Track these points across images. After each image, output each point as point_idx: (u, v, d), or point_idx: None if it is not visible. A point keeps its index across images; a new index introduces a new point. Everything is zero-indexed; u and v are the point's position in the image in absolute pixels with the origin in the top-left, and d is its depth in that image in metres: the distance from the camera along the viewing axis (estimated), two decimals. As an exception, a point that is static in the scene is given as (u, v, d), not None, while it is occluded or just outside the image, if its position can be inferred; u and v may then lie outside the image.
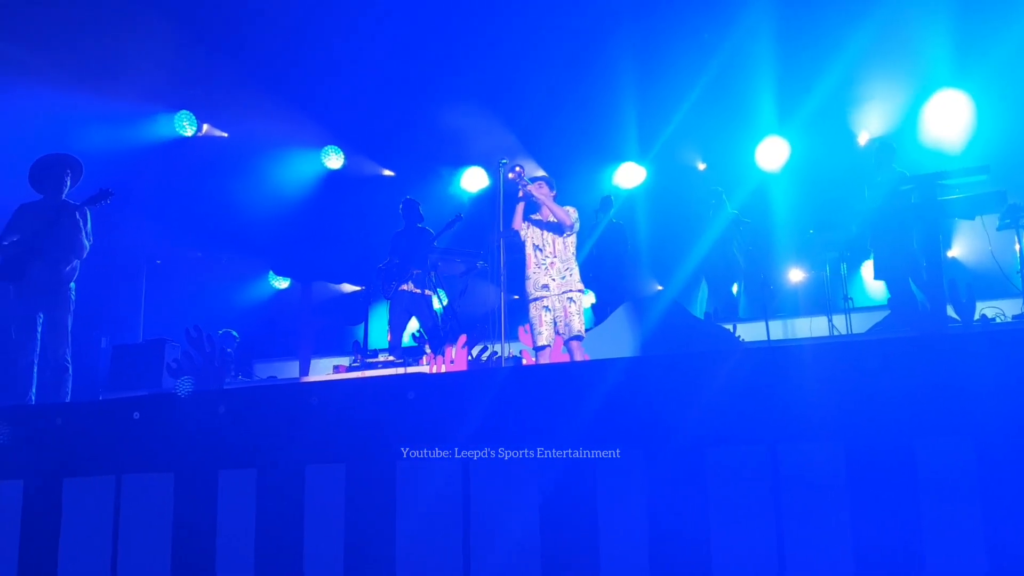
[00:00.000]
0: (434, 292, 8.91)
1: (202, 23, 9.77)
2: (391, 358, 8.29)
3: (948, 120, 10.52)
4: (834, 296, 9.18)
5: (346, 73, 10.74)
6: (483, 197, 12.19)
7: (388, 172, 12.99)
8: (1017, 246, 7.75)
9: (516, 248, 7.00)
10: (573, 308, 6.71)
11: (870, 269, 9.31)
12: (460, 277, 9.23)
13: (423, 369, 7.45)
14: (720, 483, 3.38)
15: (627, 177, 12.33)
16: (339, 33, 10.21)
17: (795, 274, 10.81)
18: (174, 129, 11.26)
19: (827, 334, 8.92)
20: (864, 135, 11.25)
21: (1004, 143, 9.81)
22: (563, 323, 6.70)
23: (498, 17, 10.08)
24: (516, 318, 7.88)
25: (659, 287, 12.18)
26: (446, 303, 8.69)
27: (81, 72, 9.51)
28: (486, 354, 7.64)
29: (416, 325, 9.15)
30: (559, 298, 6.74)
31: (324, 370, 9.65)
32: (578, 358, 6.56)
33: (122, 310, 10.81)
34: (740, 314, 10.27)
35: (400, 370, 7.68)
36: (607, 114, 11.41)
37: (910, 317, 7.69)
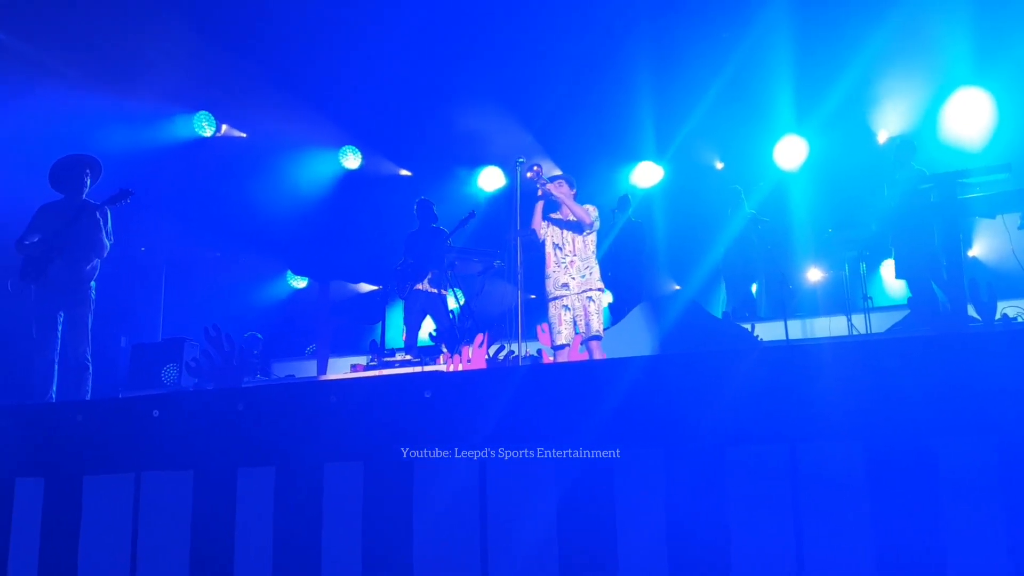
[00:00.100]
0: (450, 291, 8.91)
1: (221, 24, 9.80)
2: (408, 357, 8.29)
3: (968, 118, 10.43)
4: (853, 295, 9.11)
5: (364, 73, 10.77)
6: (500, 196, 12.18)
7: (405, 172, 13.01)
8: (1038, 245, 7.68)
9: (533, 247, 6.98)
10: (592, 307, 6.68)
11: (890, 268, 9.25)
12: (477, 276, 9.23)
13: (440, 368, 7.44)
14: (739, 482, 3.36)
15: (644, 176, 12.30)
16: (357, 34, 10.23)
17: (814, 273, 10.75)
18: (193, 129, 11.32)
19: (846, 334, 8.86)
20: (883, 133, 11.16)
21: (1025, 141, 9.73)
22: (582, 322, 6.68)
23: (515, 17, 10.08)
24: (533, 317, 7.87)
25: (676, 287, 12.14)
26: (463, 302, 8.70)
27: (101, 73, 9.58)
28: (503, 353, 7.63)
29: (432, 324, 9.17)
30: (578, 297, 6.72)
31: (342, 369, 9.66)
32: (597, 357, 6.54)
33: (141, 309, 10.88)
34: (759, 313, 10.22)
35: (417, 369, 7.69)
36: (624, 113, 11.38)
37: (930, 316, 7.63)
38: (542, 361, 7.46)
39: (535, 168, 6.89)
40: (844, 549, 3.23)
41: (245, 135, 11.84)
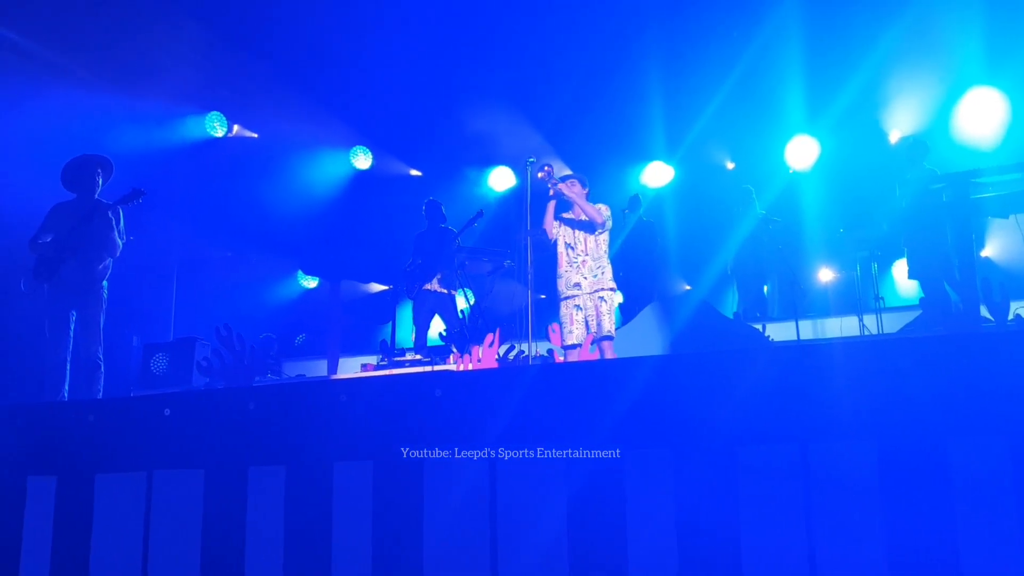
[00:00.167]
0: (460, 291, 8.91)
1: (233, 25, 9.83)
2: (418, 357, 8.29)
3: (981, 118, 10.38)
4: (865, 296, 9.08)
5: (374, 74, 10.78)
6: (510, 196, 12.18)
7: (416, 172, 13.03)
8: (1052, 245, 7.63)
9: (543, 247, 6.97)
10: (604, 307, 6.67)
11: (901, 268, 9.21)
12: (487, 276, 9.23)
13: (450, 368, 7.44)
14: (750, 482, 3.35)
15: (655, 176, 12.28)
16: (368, 34, 10.24)
17: (825, 273, 10.71)
18: (205, 130, 11.36)
19: (858, 334, 8.82)
20: (895, 133, 11.11)
21: (1039, 141, 9.68)
22: (594, 322, 6.66)
23: (526, 17, 10.07)
24: (543, 317, 7.87)
25: (687, 287, 12.11)
26: (473, 302, 8.70)
27: (114, 74, 9.61)
28: (513, 353, 7.63)
29: (442, 324, 9.17)
30: (590, 297, 6.70)
31: (352, 369, 9.68)
32: (608, 357, 6.53)
33: (153, 309, 10.91)
34: (770, 314, 10.19)
35: (427, 369, 7.69)
36: (635, 113, 11.36)
37: (943, 317, 7.59)
38: (553, 361, 7.45)
39: (546, 168, 6.87)
40: (856, 549, 3.21)
41: (256, 135, 11.87)
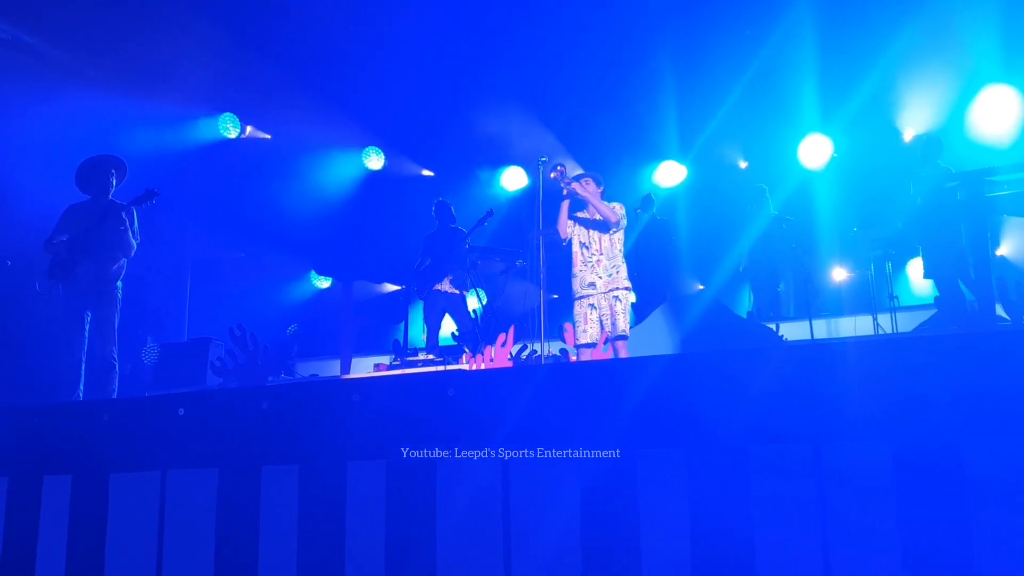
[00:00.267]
0: (469, 291, 8.92)
1: (246, 27, 9.87)
2: (431, 356, 8.31)
3: (997, 116, 10.32)
4: (879, 295, 9.04)
5: (387, 74, 10.81)
6: (523, 196, 12.19)
7: (428, 172, 13.05)
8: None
9: (556, 247, 6.96)
10: (619, 307, 6.65)
11: (916, 267, 9.18)
12: (499, 276, 9.24)
13: (463, 367, 7.45)
14: (763, 482, 3.33)
15: (667, 176, 12.25)
16: (380, 35, 10.27)
17: (839, 273, 10.67)
18: (218, 131, 11.42)
19: (872, 333, 8.78)
20: (909, 131, 11.06)
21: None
22: (608, 321, 6.65)
23: (538, 16, 10.08)
24: (556, 317, 7.86)
25: (700, 287, 12.09)
26: (485, 302, 8.70)
27: (127, 76, 9.67)
28: (525, 353, 7.63)
29: (452, 325, 9.18)
30: (605, 296, 6.68)
31: (365, 369, 9.71)
32: (622, 357, 6.51)
33: (167, 309, 10.97)
34: (784, 313, 10.15)
35: (440, 368, 7.70)
36: (647, 112, 11.35)
37: (958, 316, 7.55)
38: (567, 360, 7.45)
39: (559, 168, 6.86)
40: (870, 550, 3.19)
41: (269, 136, 11.93)
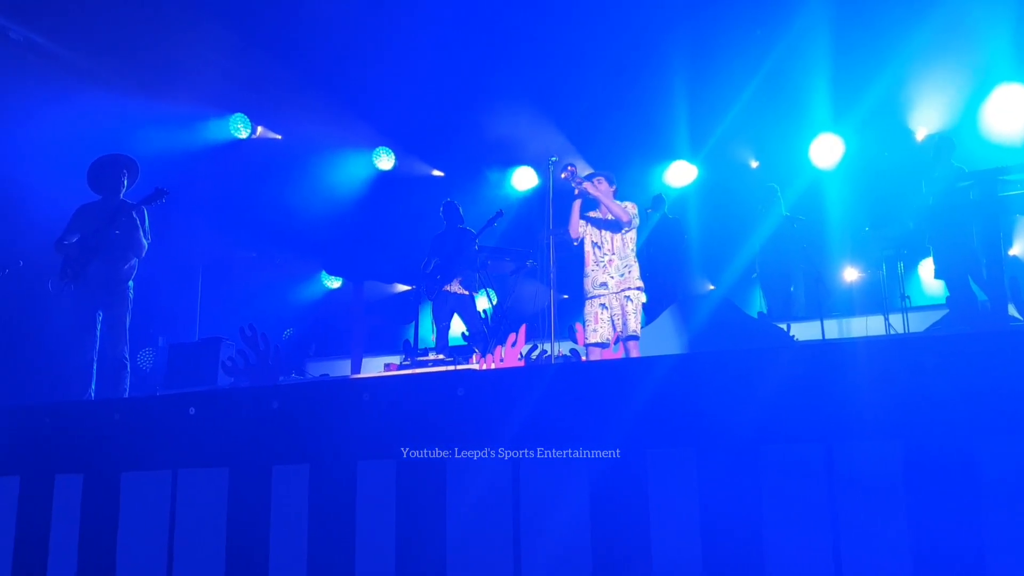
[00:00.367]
0: (479, 292, 8.91)
1: (257, 28, 9.89)
2: (441, 356, 8.31)
3: (1009, 114, 10.26)
4: (891, 295, 8.99)
5: (397, 75, 10.81)
6: (533, 196, 12.18)
7: (438, 172, 13.06)
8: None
9: (566, 247, 6.95)
10: (631, 307, 6.62)
11: (928, 267, 9.12)
12: (509, 276, 9.23)
13: (473, 367, 7.45)
14: (774, 482, 3.32)
15: (678, 176, 12.23)
16: (390, 35, 10.27)
17: (850, 273, 10.62)
18: (229, 131, 11.45)
19: (883, 334, 8.74)
20: (921, 131, 11.00)
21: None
22: (620, 321, 6.62)
23: (549, 16, 10.06)
24: (566, 317, 7.86)
25: (711, 287, 12.06)
26: (495, 302, 8.70)
27: (138, 77, 9.72)
28: (535, 352, 7.62)
29: (462, 325, 9.18)
30: (616, 296, 6.66)
31: (375, 369, 9.71)
32: (633, 357, 6.49)
33: (178, 309, 11.01)
34: (795, 313, 10.12)
35: (450, 368, 7.70)
36: (658, 112, 11.32)
37: (970, 316, 7.51)
38: (578, 360, 7.44)
39: (569, 168, 6.83)
40: (881, 550, 3.18)
41: (280, 137, 11.95)
